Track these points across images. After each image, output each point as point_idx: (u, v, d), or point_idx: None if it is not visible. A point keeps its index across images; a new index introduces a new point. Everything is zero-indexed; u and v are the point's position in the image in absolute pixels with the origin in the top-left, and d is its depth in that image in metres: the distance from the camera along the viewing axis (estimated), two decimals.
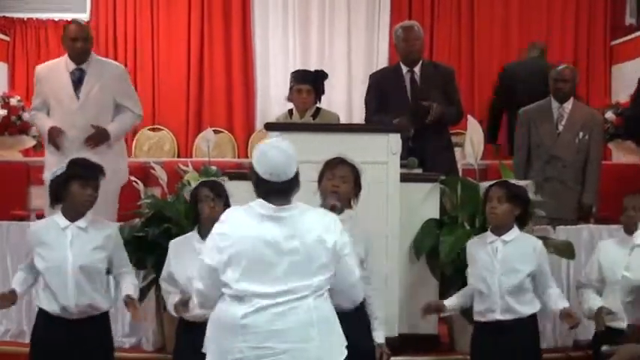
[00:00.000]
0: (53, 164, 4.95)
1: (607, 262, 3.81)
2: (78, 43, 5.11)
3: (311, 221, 2.77)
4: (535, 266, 3.68)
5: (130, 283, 3.69)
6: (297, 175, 2.82)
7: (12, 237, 4.77)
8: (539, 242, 3.79)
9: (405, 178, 4.41)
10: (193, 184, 4.26)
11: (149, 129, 8.46)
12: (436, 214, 4.52)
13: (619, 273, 3.57)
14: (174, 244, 3.74)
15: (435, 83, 5.30)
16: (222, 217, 2.86)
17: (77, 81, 5.14)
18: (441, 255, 4.29)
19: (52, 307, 3.51)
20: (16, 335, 4.73)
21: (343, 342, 2.84)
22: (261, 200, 2.80)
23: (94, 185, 3.57)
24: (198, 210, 3.64)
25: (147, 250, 4.30)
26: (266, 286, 2.71)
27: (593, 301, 3.84)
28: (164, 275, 3.72)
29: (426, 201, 4.52)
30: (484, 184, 3.91)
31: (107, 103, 5.19)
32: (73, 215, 3.58)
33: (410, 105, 5.21)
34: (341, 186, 3.41)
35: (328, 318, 2.78)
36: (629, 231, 3.82)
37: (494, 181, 3.82)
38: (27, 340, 4.60)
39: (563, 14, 8.50)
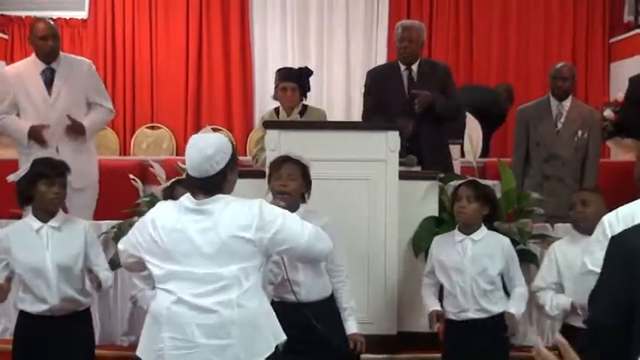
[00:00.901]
0: (23, 165, 4.94)
1: (563, 262, 3.74)
2: (48, 42, 5.05)
3: (230, 214, 2.78)
4: (504, 264, 3.71)
5: (104, 273, 3.68)
6: (223, 171, 2.83)
7: None
8: (507, 240, 3.82)
9: (403, 176, 4.41)
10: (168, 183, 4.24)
11: (147, 127, 8.47)
12: (435, 212, 4.52)
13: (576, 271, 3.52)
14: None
15: (432, 81, 5.29)
16: (156, 207, 2.95)
17: (49, 81, 5.10)
18: None
19: (36, 308, 3.52)
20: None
21: (273, 337, 2.82)
22: (188, 194, 2.86)
23: (60, 183, 3.57)
24: None
25: None
26: (187, 273, 2.75)
27: (560, 298, 3.71)
28: (139, 273, 3.66)
29: (424, 199, 4.52)
30: (453, 184, 3.94)
31: (79, 101, 5.16)
32: (44, 215, 3.58)
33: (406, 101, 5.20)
34: (289, 184, 3.43)
35: (252, 316, 2.77)
36: (579, 227, 3.79)
37: (463, 180, 3.86)
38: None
39: (562, 12, 8.50)
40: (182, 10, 8.54)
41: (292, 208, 3.36)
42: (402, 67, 5.34)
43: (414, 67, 5.32)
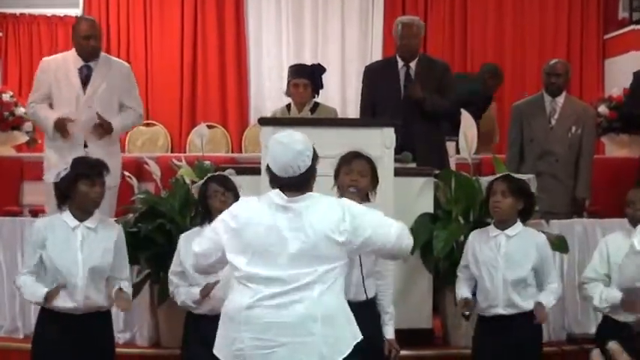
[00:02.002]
0: (54, 162, 4.95)
1: (616, 256, 3.74)
2: (91, 42, 5.10)
3: (320, 214, 2.77)
4: (537, 261, 3.68)
5: (126, 285, 3.68)
6: (310, 168, 2.83)
7: (5, 233, 4.75)
8: (543, 237, 3.79)
9: (399, 173, 4.41)
10: (188, 179, 4.25)
11: (142, 124, 8.43)
12: (430, 209, 4.52)
13: None
14: (185, 238, 3.74)
15: (429, 79, 5.29)
16: (238, 202, 2.95)
17: (85, 78, 5.12)
18: (435, 249, 4.28)
19: (60, 304, 3.50)
20: (10, 331, 4.72)
21: (352, 336, 2.81)
22: (277, 190, 2.83)
23: (100, 183, 3.59)
24: (208, 206, 3.63)
25: (140, 245, 4.29)
26: (271, 272, 2.73)
27: (610, 291, 3.72)
28: (174, 269, 3.72)
29: (420, 195, 4.52)
30: (486, 179, 3.90)
31: (112, 102, 5.17)
32: (81, 214, 3.58)
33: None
34: (359, 180, 3.40)
35: (333, 313, 2.76)
36: (635, 224, 3.79)
37: (498, 175, 3.80)
38: (21, 335, 4.63)
39: (557, 8, 8.52)
40: (177, 6, 8.53)
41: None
42: (400, 64, 5.34)
43: (413, 63, 5.33)
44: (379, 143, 4.31)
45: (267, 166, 2.85)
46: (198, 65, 8.58)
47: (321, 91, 5.59)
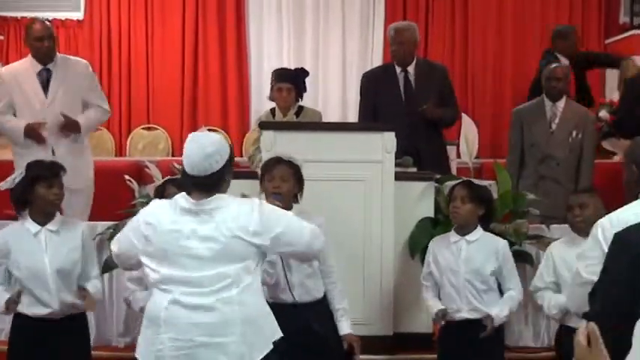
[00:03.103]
0: (19, 166, 4.94)
1: (561, 264, 3.74)
2: (45, 43, 5.06)
3: (230, 214, 2.79)
4: (497, 266, 3.71)
5: (94, 284, 3.66)
6: (221, 170, 2.83)
7: None
8: (503, 242, 3.81)
9: (399, 177, 4.41)
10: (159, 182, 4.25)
11: (143, 128, 8.45)
12: (431, 213, 4.52)
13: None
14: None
15: (429, 83, 5.29)
16: (150, 205, 2.93)
17: (45, 81, 5.10)
18: None
19: (35, 312, 3.49)
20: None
21: (271, 334, 2.84)
22: (184, 193, 2.84)
23: (58, 184, 3.56)
24: None
25: None
26: (187, 273, 2.75)
27: (558, 298, 3.69)
28: (132, 275, 3.66)
29: (420, 200, 4.52)
30: (448, 184, 3.93)
31: (75, 102, 5.16)
32: (42, 218, 3.56)
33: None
34: (281, 185, 3.43)
35: (252, 313, 2.79)
36: (577, 230, 3.78)
37: (458, 181, 3.85)
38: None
39: (558, 12, 8.51)
40: (178, 11, 8.53)
41: (285, 209, 3.37)
42: (398, 69, 5.34)
43: (410, 68, 5.32)
44: (380, 147, 4.32)
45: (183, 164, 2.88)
46: (199, 69, 8.58)
47: (321, 97, 5.63)
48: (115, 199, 5.29)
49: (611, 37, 8.44)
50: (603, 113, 7.10)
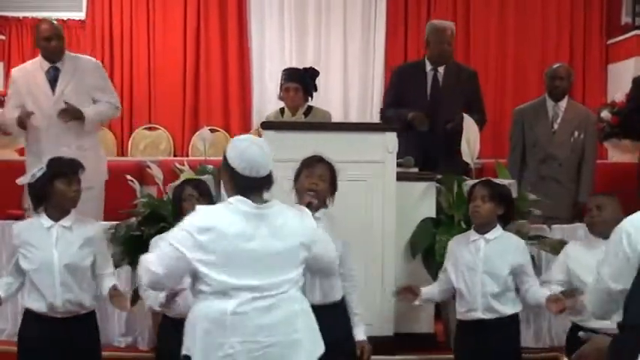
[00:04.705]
0: (31, 165, 4.97)
1: (575, 264, 3.76)
2: (52, 42, 5.12)
3: (292, 223, 2.82)
4: (516, 265, 3.70)
5: (112, 282, 3.68)
6: (272, 170, 2.86)
7: (7, 236, 4.76)
8: (522, 241, 3.81)
9: (401, 177, 4.41)
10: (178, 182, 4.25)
11: (145, 128, 8.46)
12: (432, 213, 4.52)
13: (589, 276, 3.52)
14: (155, 240, 3.73)
15: (456, 86, 5.31)
16: (200, 212, 2.82)
17: (53, 79, 5.17)
18: (437, 254, 4.29)
19: (38, 306, 3.52)
20: (11, 335, 4.71)
21: (320, 339, 2.88)
22: (239, 197, 2.79)
23: (77, 180, 3.61)
24: (182, 208, 3.60)
25: (143, 249, 4.27)
26: (251, 280, 2.73)
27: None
28: None
29: (422, 200, 4.53)
30: (468, 183, 3.93)
31: (83, 98, 5.19)
32: (58, 214, 3.59)
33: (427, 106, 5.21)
34: (319, 184, 3.41)
35: (309, 310, 2.86)
36: (594, 231, 3.79)
37: (478, 180, 3.84)
38: None
39: (559, 13, 8.51)
40: (180, 11, 8.53)
41: (318, 208, 3.36)
42: (429, 67, 5.35)
43: (441, 68, 5.34)
44: (381, 148, 4.32)
45: (231, 168, 2.80)
46: (201, 69, 8.58)
47: (322, 97, 5.63)
48: (117, 199, 5.30)
49: (612, 37, 8.43)
50: (605, 114, 7.11)
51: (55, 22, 5.35)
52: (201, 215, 2.78)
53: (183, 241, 2.73)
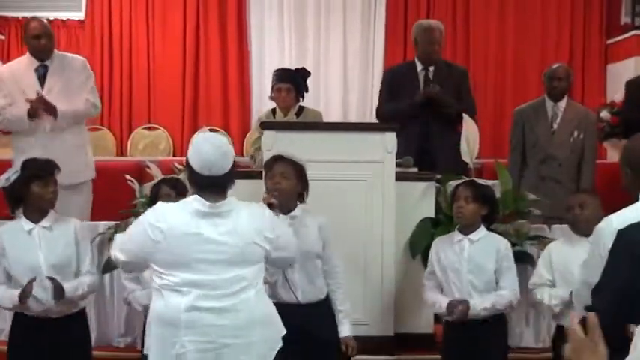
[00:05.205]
0: (17, 162, 4.93)
1: (558, 262, 3.76)
2: (42, 40, 5.09)
3: (246, 220, 2.83)
4: (498, 265, 3.71)
5: (91, 279, 3.65)
6: (232, 170, 2.87)
7: None
8: (505, 241, 3.82)
9: (400, 177, 4.41)
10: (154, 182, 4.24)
11: (144, 128, 8.46)
12: (431, 213, 4.52)
13: (572, 272, 3.52)
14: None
15: (448, 83, 5.31)
16: (156, 209, 2.88)
17: (42, 77, 5.14)
18: None
19: (32, 309, 3.50)
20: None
21: (279, 331, 2.90)
22: (196, 196, 2.84)
23: (53, 182, 3.58)
24: None
25: None
26: (205, 276, 2.75)
27: (558, 291, 3.72)
28: (129, 275, 3.67)
29: (421, 200, 4.52)
30: (452, 184, 3.93)
31: (72, 97, 5.14)
32: (36, 216, 3.57)
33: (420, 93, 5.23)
34: (282, 182, 3.43)
35: (267, 313, 2.87)
36: (576, 229, 3.78)
37: (461, 181, 3.84)
38: None
39: (559, 13, 8.51)
40: (179, 11, 8.53)
41: (285, 207, 3.38)
42: (419, 67, 5.36)
43: (432, 68, 5.35)
44: (380, 148, 4.32)
45: (190, 166, 2.86)
46: (200, 69, 8.58)
47: (322, 97, 5.62)
48: (116, 199, 5.29)
49: (612, 37, 8.43)
50: (604, 114, 7.11)
51: (44, 20, 5.33)
52: (156, 212, 2.85)
53: (140, 235, 2.81)
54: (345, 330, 3.52)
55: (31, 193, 3.52)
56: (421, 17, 8.42)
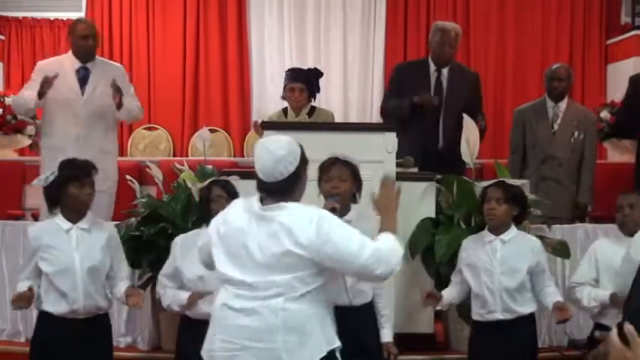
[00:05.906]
0: (47, 161, 4.96)
1: (604, 262, 3.78)
2: (89, 41, 5.18)
3: (288, 227, 2.72)
4: (533, 265, 3.67)
5: (126, 285, 3.70)
6: (291, 176, 2.79)
7: (7, 236, 4.76)
8: (538, 241, 3.79)
9: (400, 177, 4.41)
10: (190, 183, 4.25)
11: (144, 128, 8.46)
12: (432, 213, 4.51)
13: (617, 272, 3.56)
14: (181, 240, 3.74)
15: (460, 89, 5.29)
16: (230, 204, 2.95)
17: (82, 79, 5.18)
18: (436, 254, 4.28)
19: (59, 309, 3.51)
20: (11, 335, 4.73)
21: (325, 342, 2.76)
22: (258, 196, 2.84)
23: (90, 183, 3.59)
24: (209, 209, 3.59)
25: (142, 249, 4.30)
26: (241, 276, 2.74)
27: (598, 291, 3.78)
28: (166, 271, 3.72)
29: (422, 200, 4.52)
30: (481, 184, 3.90)
31: (110, 102, 5.19)
32: (73, 217, 3.59)
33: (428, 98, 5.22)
34: (340, 185, 3.38)
35: (299, 320, 2.71)
36: (624, 229, 3.81)
37: (491, 182, 3.80)
38: (22, 339, 4.64)
39: (559, 13, 8.51)
40: (179, 10, 8.53)
41: (344, 209, 3.32)
42: (432, 68, 5.34)
43: (445, 70, 5.33)
44: (381, 148, 4.32)
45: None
46: (200, 69, 8.58)
47: (322, 96, 5.60)
48: (117, 199, 5.31)
49: (612, 37, 8.44)
50: (604, 114, 7.11)
51: (91, 21, 5.46)
52: (229, 208, 2.93)
53: (212, 228, 2.90)
54: (387, 335, 3.47)
55: (67, 193, 3.53)
56: (421, 16, 8.45)
